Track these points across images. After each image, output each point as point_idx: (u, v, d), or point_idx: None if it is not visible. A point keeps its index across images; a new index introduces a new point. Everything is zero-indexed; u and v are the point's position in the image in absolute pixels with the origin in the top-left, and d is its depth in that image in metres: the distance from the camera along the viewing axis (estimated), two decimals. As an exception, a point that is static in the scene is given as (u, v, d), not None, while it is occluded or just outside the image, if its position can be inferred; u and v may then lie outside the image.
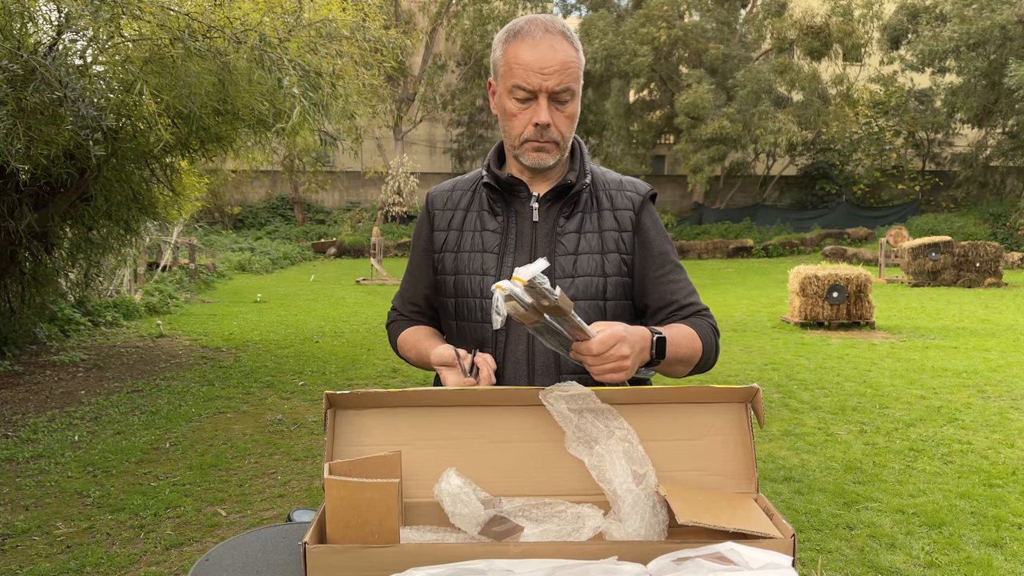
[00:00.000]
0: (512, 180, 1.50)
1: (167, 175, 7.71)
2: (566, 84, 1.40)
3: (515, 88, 1.40)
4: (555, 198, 1.52)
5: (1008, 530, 3.61)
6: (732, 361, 7.84)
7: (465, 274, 1.50)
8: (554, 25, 1.42)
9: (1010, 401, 6.10)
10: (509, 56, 1.41)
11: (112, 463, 4.61)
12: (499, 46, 1.45)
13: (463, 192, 1.59)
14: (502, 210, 1.52)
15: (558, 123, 1.43)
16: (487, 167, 1.54)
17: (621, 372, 1.23)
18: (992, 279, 15.35)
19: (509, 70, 1.41)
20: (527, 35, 1.40)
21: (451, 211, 1.57)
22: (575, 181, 1.50)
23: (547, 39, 1.39)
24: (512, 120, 1.44)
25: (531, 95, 1.40)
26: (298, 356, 8.11)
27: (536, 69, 1.38)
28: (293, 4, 5.96)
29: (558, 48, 1.39)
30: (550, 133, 1.43)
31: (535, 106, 1.41)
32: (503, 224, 1.51)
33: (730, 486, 1.23)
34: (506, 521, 1.15)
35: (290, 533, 1.43)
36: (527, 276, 1.11)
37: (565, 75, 1.39)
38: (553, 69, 1.38)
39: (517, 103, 1.42)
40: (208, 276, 15.92)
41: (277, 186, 29.15)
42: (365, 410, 1.26)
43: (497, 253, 1.49)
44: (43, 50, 5.51)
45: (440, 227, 1.57)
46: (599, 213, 1.52)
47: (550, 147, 1.45)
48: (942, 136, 27.66)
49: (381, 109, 24.61)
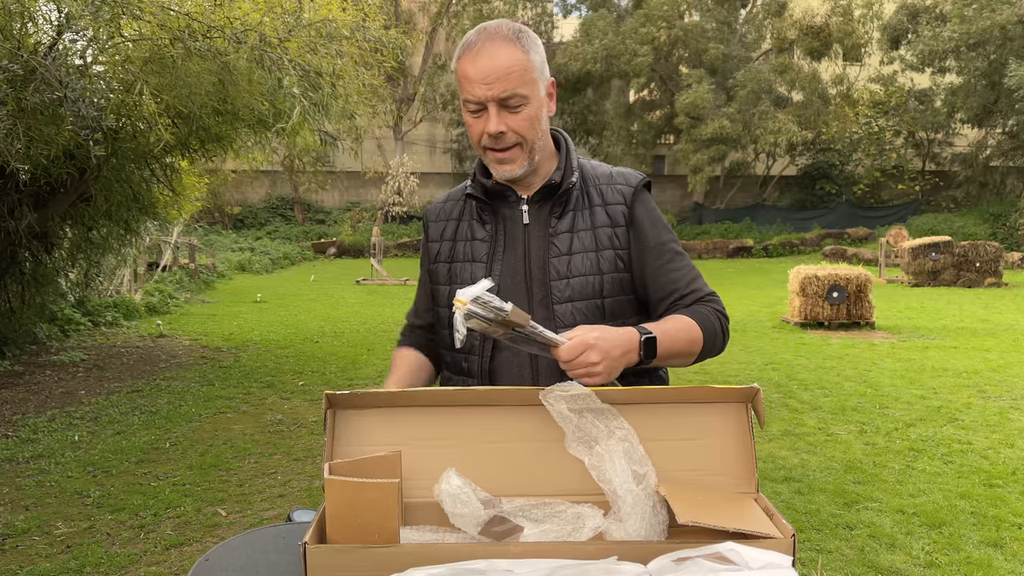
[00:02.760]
0: (498, 187, 1.50)
1: (167, 175, 7.71)
2: (511, 90, 1.36)
3: (466, 102, 1.41)
4: (544, 199, 1.51)
5: (1008, 530, 3.61)
6: (732, 361, 7.84)
7: (457, 284, 1.50)
8: (499, 30, 1.39)
9: (1010, 401, 6.10)
10: (459, 71, 1.41)
11: (112, 463, 4.61)
12: (455, 61, 1.44)
13: (455, 202, 1.60)
14: (490, 218, 1.52)
15: (514, 126, 1.40)
16: (473, 177, 1.54)
17: (594, 377, 1.24)
18: (992, 279, 15.35)
19: (460, 84, 1.41)
20: (470, 46, 1.39)
21: (444, 222, 1.58)
22: (560, 180, 1.49)
23: (488, 47, 1.36)
24: (470, 130, 1.45)
25: (481, 106, 1.39)
26: (298, 356, 8.11)
27: (479, 80, 1.36)
28: (293, 4, 5.96)
29: (499, 55, 1.36)
30: (506, 139, 1.41)
31: (485, 116, 1.40)
32: (491, 232, 1.51)
33: (730, 486, 1.23)
34: (506, 521, 1.15)
35: (290, 533, 1.43)
36: (468, 297, 1.11)
37: (509, 81, 1.36)
38: (495, 77, 1.36)
39: (471, 116, 1.42)
40: (208, 276, 15.93)
41: (277, 186, 29.16)
42: (365, 410, 1.26)
43: (485, 262, 1.49)
44: (43, 50, 5.51)
45: (434, 238, 1.59)
46: (591, 210, 1.50)
47: (513, 153, 1.43)
48: (942, 136, 27.66)
49: (381, 109, 24.61)
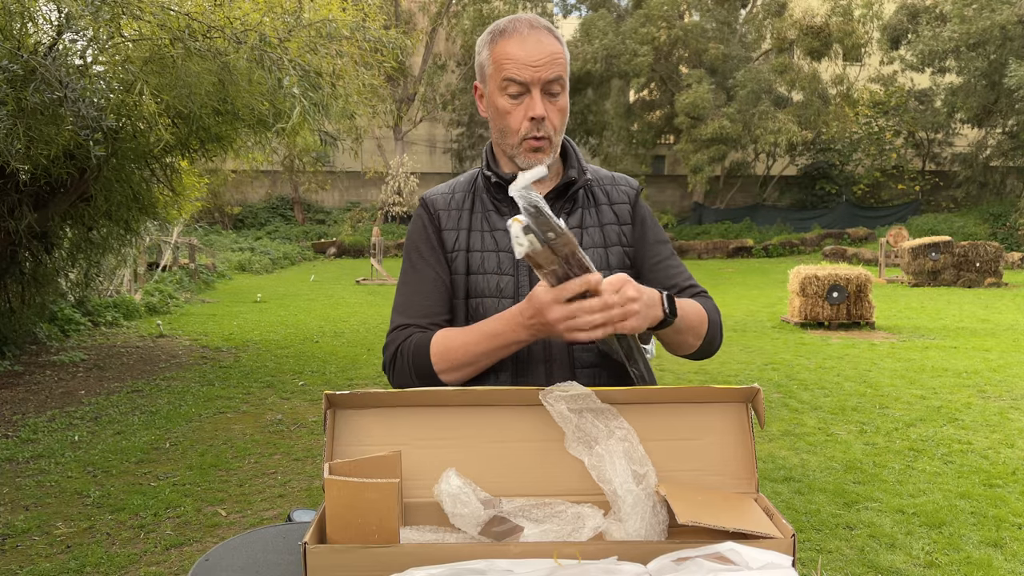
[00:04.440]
0: (514, 177, 1.49)
1: (167, 175, 7.71)
2: (557, 73, 1.40)
3: (507, 82, 1.40)
4: (557, 197, 1.52)
5: (1008, 530, 3.61)
6: (732, 361, 7.84)
7: (479, 274, 1.48)
8: (539, 21, 1.43)
9: (1010, 401, 6.10)
10: (497, 54, 1.41)
11: (112, 463, 4.61)
12: (484, 47, 1.45)
13: (464, 193, 1.57)
14: (509, 210, 1.51)
15: (551, 116, 1.43)
16: (487, 166, 1.53)
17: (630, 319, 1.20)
18: (992, 279, 15.35)
19: (499, 66, 1.41)
20: (514, 32, 1.41)
21: (456, 211, 1.55)
22: (577, 178, 1.51)
23: (534, 34, 1.41)
24: (506, 117, 1.43)
25: (523, 88, 1.40)
26: (298, 356, 8.11)
27: (527, 62, 1.38)
28: (293, 4, 5.97)
29: (545, 42, 1.40)
30: (545, 128, 1.42)
31: (529, 100, 1.41)
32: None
33: (730, 486, 1.23)
34: (506, 521, 1.15)
35: (290, 533, 1.43)
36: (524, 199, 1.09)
37: (556, 66, 1.40)
38: (543, 61, 1.39)
39: (510, 99, 1.42)
40: (208, 276, 15.93)
41: (277, 186, 29.16)
42: (365, 410, 1.25)
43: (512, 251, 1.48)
44: (43, 50, 5.52)
45: (448, 227, 1.53)
46: (597, 208, 1.53)
47: (544, 145, 1.44)
48: (942, 136, 27.67)
49: (381, 109, 24.62)
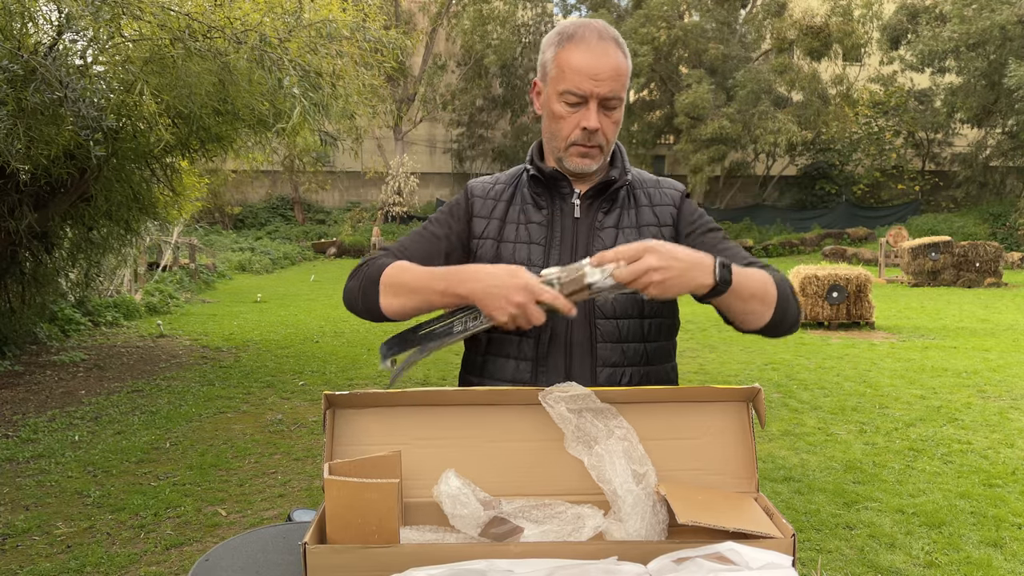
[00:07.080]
0: (556, 174, 1.50)
1: (167, 175, 7.71)
2: (616, 91, 1.40)
3: (566, 93, 1.40)
4: (596, 195, 1.52)
5: (1008, 530, 3.61)
6: (732, 361, 7.84)
7: (508, 263, 1.47)
8: (607, 32, 1.42)
9: (1010, 401, 6.10)
10: (561, 59, 1.41)
11: (112, 463, 4.61)
12: (550, 48, 1.44)
13: (506, 185, 1.59)
14: (546, 203, 1.52)
15: (605, 128, 1.43)
16: (531, 160, 1.54)
17: (653, 287, 1.19)
18: (992, 279, 15.36)
19: (561, 73, 1.41)
20: (581, 40, 1.40)
21: (493, 201, 1.56)
22: (617, 178, 1.51)
23: (601, 45, 1.39)
24: (560, 123, 1.44)
25: (582, 100, 1.40)
26: (298, 356, 8.11)
27: (589, 75, 1.38)
28: (293, 4, 5.96)
29: (611, 55, 1.39)
30: (597, 138, 1.43)
31: (584, 110, 1.41)
32: (548, 217, 1.51)
33: (730, 486, 1.23)
34: (506, 522, 1.15)
35: (290, 533, 1.43)
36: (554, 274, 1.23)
37: (616, 82, 1.40)
38: (606, 75, 1.38)
39: (566, 107, 1.42)
40: (208, 276, 15.93)
41: (277, 186, 29.17)
42: (365, 410, 1.25)
43: (543, 245, 1.49)
44: (43, 50, 5.51)
45: (481, 214, 1.55)
46: (637, 209, 1.52)
47: (595, 152, 1.45)
48: (942, 136, 27.68)
49: (381, 109, 24.62)
